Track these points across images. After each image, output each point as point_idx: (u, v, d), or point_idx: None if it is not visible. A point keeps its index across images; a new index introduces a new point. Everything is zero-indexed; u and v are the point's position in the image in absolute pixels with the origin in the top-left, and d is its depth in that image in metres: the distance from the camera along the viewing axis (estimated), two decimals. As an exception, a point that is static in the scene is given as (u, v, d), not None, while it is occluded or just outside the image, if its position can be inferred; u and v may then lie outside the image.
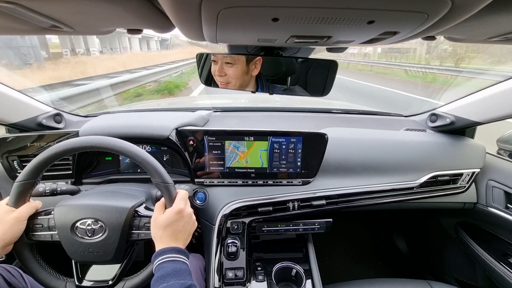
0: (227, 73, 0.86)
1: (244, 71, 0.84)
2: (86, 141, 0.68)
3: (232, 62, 0.84)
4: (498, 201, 1.09)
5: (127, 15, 0.51)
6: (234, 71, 0.85)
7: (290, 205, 1.01)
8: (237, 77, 0.85)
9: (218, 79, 0.88)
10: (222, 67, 0.85)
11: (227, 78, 0.86)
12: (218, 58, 0.86)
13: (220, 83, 0.89)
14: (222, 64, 0.85)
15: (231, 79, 0.86)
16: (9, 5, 0.42)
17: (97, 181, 1.03)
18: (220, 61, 0.86)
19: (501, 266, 1.06)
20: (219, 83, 0.89)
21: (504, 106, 0.94)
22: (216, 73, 0.87)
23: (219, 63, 0.86)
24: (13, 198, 0.67)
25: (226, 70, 0.85)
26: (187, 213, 0.69)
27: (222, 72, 0.86)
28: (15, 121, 1.00)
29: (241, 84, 0.86)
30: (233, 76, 0.86)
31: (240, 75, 0.85)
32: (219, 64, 0.86)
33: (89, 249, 0.69)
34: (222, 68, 0.85)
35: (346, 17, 0.40)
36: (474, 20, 0.45)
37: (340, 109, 1.53)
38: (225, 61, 0.85)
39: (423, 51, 14.51)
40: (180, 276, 0.58)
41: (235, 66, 0.84)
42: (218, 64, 0.86)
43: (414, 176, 1.09)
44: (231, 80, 0.86)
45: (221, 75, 0.86)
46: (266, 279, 0.99)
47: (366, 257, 1.81)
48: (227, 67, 0.85)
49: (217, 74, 0.87)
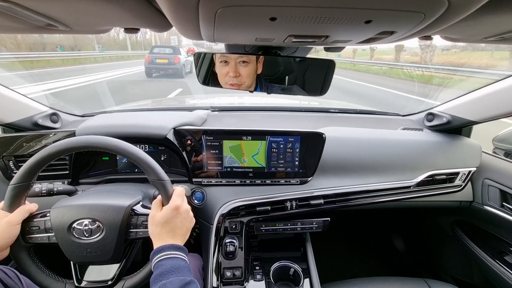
0: (241, 73, 0.82)
1: (255, 69, 0.81)
2: (80, 141, 0.67)
3: (247, 60, 0.80)
4: (494, 199, 1.10)
5: (124, 14, 0.50)
6: (248, 70, 0.81)
7: (288, 204, 1.02)
8: (250, 76, 0.82)
9: (228, 80, 0.84)
10: (237, 67, 0.82)
11: (241, 78, 0.83)
12: (231, 58, 0.82)
13: (230, 85, 0.85)
14: (236, 64, 0.81)
15: (245, 78, 0.82)
16: (4, 3, 0.41)
17: (94, 181, 1.02)
18: (233, 61, 0.81)
19: (497, 263, 1.07)
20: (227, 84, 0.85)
21: (500, 105, 0.95)
22: (230, 74, 0.83)
23: (232, 63, 0.82)
24: (8, 201, 0.66)
25: (240, 70, 0.82)
26: (184, 210, 0.68)
27: (237, 73, 0.82)
28: (10, 120, 0.99)
29: (251, 83, 0.83)
30: (246, 76, 0.82)
31: (252, 74, 0.82)
32: (233, 64, 0.81)
33: (87, 250, 0.68)
34: (237, 68, 0.81)
35: (344, 16, 0.40)
36: (470, 20, 0.46)
37: (338, 109, 1.53)
38: (240, 60, 0.81)
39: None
40: (180, 273, 0.58)
41: (250, 65, 0.81)
42: (232, 65, 0.82)
43: (411, 175, 1.10)
44: (244, 80, 0.82)
45: (236, 75, 0.82)
46: (264, 278, 1.00)
47: (364, 256, 1.82)
48: (241, 67, 0.81)
49: (232, 75, 0.82)
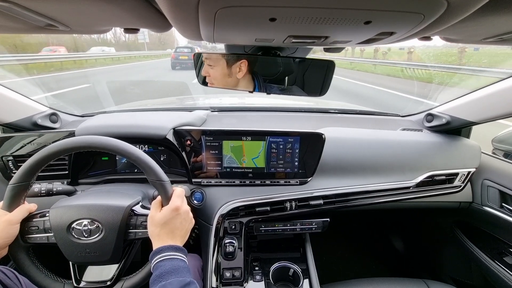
0: (210, 74, 0.88)
1: (224, 73, 0.86)
2: (79, 141, 0.67)
3: (211, 64, 0.87)
4: (493, 200, 1.10)
5: (124, 14, 0.50)
6: (214, 73, 0.87)
7: (288, 205, 1.02)
8: (218, 78, 0.88)
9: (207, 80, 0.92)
10: (207, 67, 0.88)
11: (211, 78, 0.89)
12: (205, 58, 0.89)
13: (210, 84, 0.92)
14: (207, 65, 0.88)
15: (213, 79, 0.89)
16: (4, 3, 0.41)
17: (93, 181, 1.02)
18: (205, 62, 0.89)
19: (496, 264, 1.07)
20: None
21: (499, 106, 0.95)
22: (202, 73, 0.90)
23: (205, 63, 0.89)
24: (7, 201, 0.66)
25: (209, 71, 0.88)
26: (184, 211, 0.68)
27: (206, 72, 0.89)
28: (10, 120, 0.99)
29: (224, 84, 0.89)
30: (213, 77, 0.88)
31: (220, 77, 0.87)
32: (206, 64, 0.89)
33: (86, 250, 0.68)
34: (206, 68, 0.88)
35: (343, 17, 0.40)
36: (470, 21, 0.46)
37: (338, 109, 1.53)
38: (207, 63, 0.88)
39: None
40: (179, 274, 0.58)
41: (215, 68, 0.87)
42: (205, 64, 0.89)
43: (411, 175, 1.10)
44: (213, 80, 0.89)
45: (205, 74, 0.89)
46: (263, 279, 0.99)
47: (363, 257, 1.82)
48: (208, 68, 0.88)
49: (203, 74, 0.90)
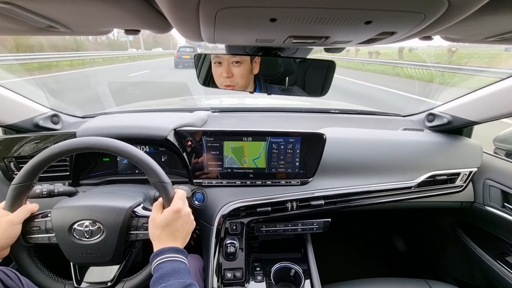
0: (234, 74, 0.83)
1: (249, 69, 0.82)
2: (81, 142, 0.67)
3: (240, 60, 0.82)
4: (495, 200, 1.10)
5: (125, 15, 0.50)
6: (241, 70, 0.83)
7: (289, 205, 1.01)
8: (244, 76, 0.83)
9: (223, 81, 0.85)
10: (230, 67, 0.83)
11: (234, 79, 0.84)
12: (223, 59, 0.83)
13: (225, 86, 0.86)
14: (229, 65, 0.83)
15: (238, 79, 0.84)
16: (5, 5, 0.41)
17: (94, 182, 1.02)
18: (226, 62, 0.83)
19: (498, 264, 1.07)
20: (222, 85, 0.86)
21: (500, 105, 0.95)
22: (223, 75, 0.84)
23: (225, 63, 0.83)
24: (9, 201, 0.66)
25: (233, 70, 0.83)
26: (185, 213, 0.68)
27: (230, 73, 0.83)
28: (11, 122, 0.99)
29: (246, 83, 0.85)
30: (240, 76, 0.83)
31: (246, 74, 0.83)
32: (226, 64, 0.83)
33: (87, 251, 0.68)
34: (229, 68, 0.83)
35: (344, 17, 0.40)
36: (471, 20, 0.45)
37: (338, 109, 1.53)
38: (232, 61, 0.82)
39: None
40: (179, 276, 0.58)
41: (243, 65, 0.82)
42: (225, 65, 0.83)
43: (412, 175, 1.10)
44: (238, 80, 0.84)
45: (229, 76, 0.84)
46: (265, 280, 0.99)
47: (365, 257, 1.82)
48: (234, 67, 0.83)
49: (225, 76, 0.84)
